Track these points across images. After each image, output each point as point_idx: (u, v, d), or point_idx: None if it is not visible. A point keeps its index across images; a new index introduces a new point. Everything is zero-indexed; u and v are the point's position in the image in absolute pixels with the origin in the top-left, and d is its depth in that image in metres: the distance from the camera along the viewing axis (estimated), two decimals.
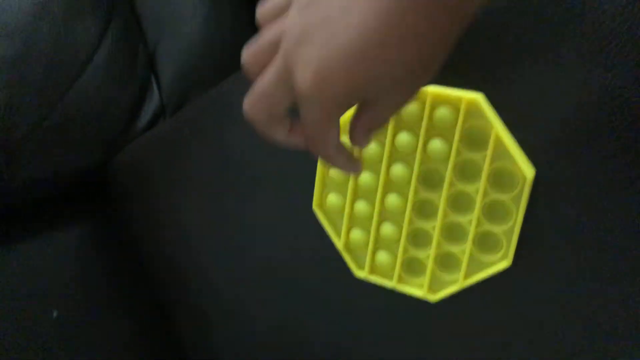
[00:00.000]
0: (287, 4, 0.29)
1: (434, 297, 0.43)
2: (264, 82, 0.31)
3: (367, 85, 0.27)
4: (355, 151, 0.43)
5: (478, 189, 0.39)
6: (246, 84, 0.52)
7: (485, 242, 0.41)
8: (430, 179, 0.42)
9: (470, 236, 0.40)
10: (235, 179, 0.53)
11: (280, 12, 0.30)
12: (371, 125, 0.32)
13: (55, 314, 0.61)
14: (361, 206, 0.45)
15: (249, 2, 0.74)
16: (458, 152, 0.40)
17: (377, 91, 0.28)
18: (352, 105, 0.30)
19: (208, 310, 0.61)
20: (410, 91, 0.30)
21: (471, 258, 0.41)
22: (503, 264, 0.40)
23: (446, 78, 0.39)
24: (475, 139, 0.39)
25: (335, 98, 0.27)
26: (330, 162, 0.33)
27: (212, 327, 0.62)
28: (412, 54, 0.25)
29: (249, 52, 0.32)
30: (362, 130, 0.32)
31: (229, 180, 0.53)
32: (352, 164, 0.34)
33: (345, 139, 0.34)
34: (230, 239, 0.54)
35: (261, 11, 0.32)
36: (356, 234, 0.45)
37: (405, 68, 0.26)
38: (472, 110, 0.38)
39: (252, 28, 0.79)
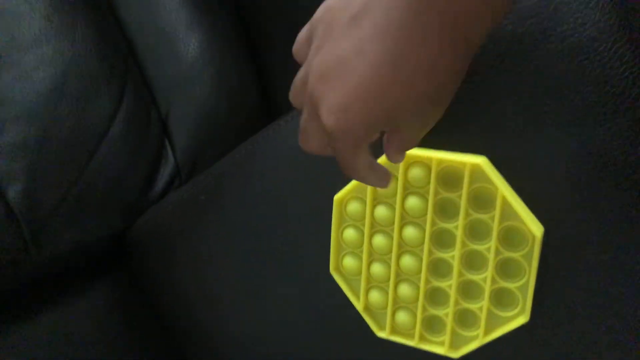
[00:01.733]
0: (310, 35, 0.31)
1: (456, 354, 0.44)
2: (302, 120, 0.33)
3: (385, 119, 0.28)
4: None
5: (490, 248, 0.40)
6: (257, 152, 0.54)
7: (501, 298, 0.41)
8: (442, 239, 0.43)
9: (487, 293, 0.41)
10: (253, 244, 0.54)
11: (307, 44, 0.31)
12: (402, 147, 0.35)
13: None
14: (377, 268, 0.46)
15: (252, 57, 0.76)
16: (467, 214, 0.41)
17: (396, 122, 0.29)
18: (377, 134, 0.31)
19: None
20: (429, 119, 0.31)
21: (489, 314, 0.42)
22: (521, 320, 0.40)
23: (449, 142, 0.41)
24: (482, 200, 0.40)
25: (356, 132, 0.28)
26: (362, 181, 0.35)
27: None
28: (424, 87, 0.27)
29: (291, 92, 0.34)
30: (395, 152, 0.35)
31: (247, 245, 0.55)
32: (382, 180, 0.36)
33: None
34: (251, 305, 0.55)
35: (295, 47, 0.34)
36: (375, 295, 0.46)
37: (418, 101, 0.28)
38: (477, 174, 0.40)
39: (258, 83, 0.81)
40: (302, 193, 0.50)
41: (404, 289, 0.45)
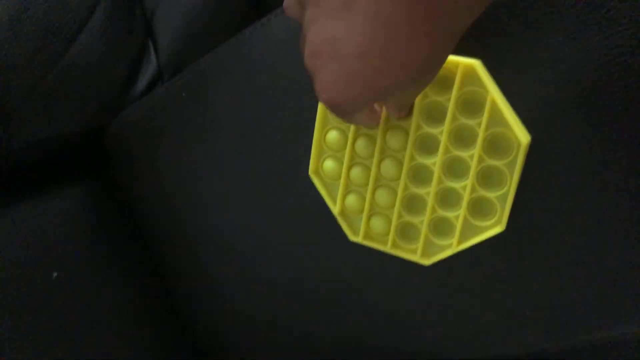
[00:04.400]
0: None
1: (427, 262, 0.44)
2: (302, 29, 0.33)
3: (374, 97, 0.30)
4: None
5: (473, 155, 0.40)
6: (242, 48, 0.51)
7: (479, 208, 0.41)
8: (425, 145, 0.42)
9: (465, 202, 0.41)
10: (232, 145, 0.53)
11: (298, 4, 0.31)
12: (398, 108, 0.39)
13: (54, 275, 0.62)
14: (357, 172, 0.45)
15: None
16: (454, 118, 0.40)
17: (387, 94, 0.30)
18: (369, 104, 0.33)
19: (206, 272, 0.62)
20: (419, 89, 0.33)
21: (465, 223, 0.41)
22: (496, 229, 0.40)
23: None
24: (471, 104, 0.39)
25: (347, 108, 0.30)
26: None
27: (210, 289, 0.63)
28: (411, 70, 0.28)
29: (285, 3, 0.34)
30: (393, 111, 0.39)
31: (225, 145, 0.53)
32: (374, 122, 0.41)
33: None
34: (228, 202, 0.55)
35: (285, 4, 0.34)
36: (352, 200, 0.46)
37: (406, 81, 0.28)
38: (469, 76, 0.38)
39: None
40: (287, 92, 0.48)
41: (382, 195, 0.44)
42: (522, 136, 0.37)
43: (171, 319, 0.70)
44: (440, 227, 0.43)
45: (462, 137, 0.40)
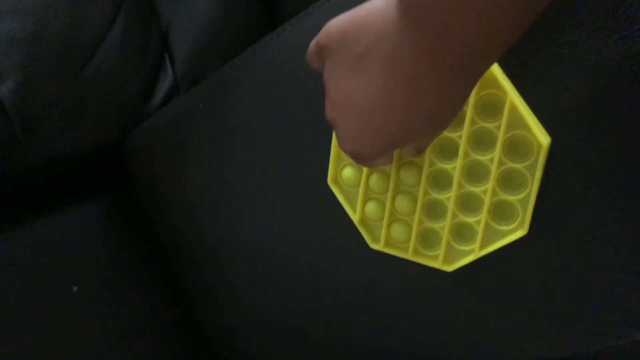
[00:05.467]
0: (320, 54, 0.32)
1: (450, 268, 0.43)
2: None
3: (393, 145, 0.32)
4: None
5: (493, 159, 0.39)
6: (258, 58, 0.52)
7: (500, 212, 0.41)
8: (445, 150, 0.42)
9: (486, 206, 0.40)
10: (250, 155, 0.53)
11: (318, 59, 0.33)
12: (414, 152, 0.40)
13: (75, 289, 0.62)
14: (376, 179, 0.45)
15: None
16: (473, 122, 0.39)
17: (404, 143, 0.33)
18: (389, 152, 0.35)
19: (226, 283, 0.62)
20: (437, 133, 0.34)
21: (487, 228, 0.41)
22: (519, 233, 0.39)
23: None
24: (490, 107, 0.39)
25: (367, 156, 0.32)
26: None
27: (231, 301, 0.63)
28: (429, 120, 0.29)
29: (307, 55, 0.35)
30: (410, 154, 0.41)
31: (243, 156, 0.54)
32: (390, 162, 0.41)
33: None
34: (245, 214, 0.55)
35: (306, 59, 0.35)
36: (371, 207, 0.46)
37: (424, 129, 0.30)
38: (487, 79, 0.38)
39: (264, 7, 0.78)
40: (303, 101, 0.48)
41: (402, 201, 0.44)
42: (543, 138, 0.37)
43: (190, 332, 0.70)
44: (462, 233, 0.43)
45: (481, 141, 0.40)
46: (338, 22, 0.30)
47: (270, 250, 0.55)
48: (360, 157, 0.32)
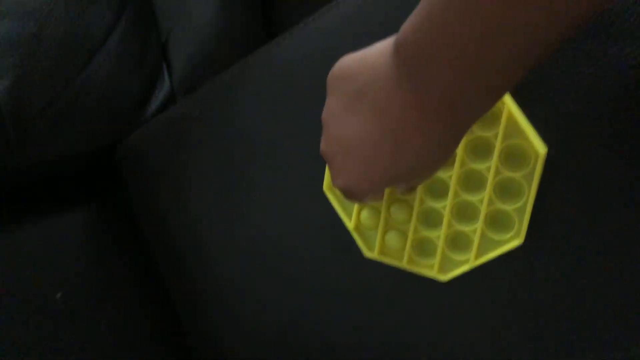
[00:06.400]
0: None
1: (445, 277, 0.43)
2: None
3: (385, 185, 0.31)
4: None
5: (490, 167, 0.39)
6: (255, 67, 0.52)
7: (497, 221, 0.41)
8: None
9: (482, 215, 0.40)
10: (245, 162, 0.53)
11: None
12: (405, 191, 0.40)
13: (59, 295, 0.61)
14: None
15: None
16: (469, 131, 0.40)
17: (395, 184, 0.32)
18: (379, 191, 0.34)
19: (216, 291, 0.61)
20: (428, 175, 0.33)
21: (483, 237, 0.41)
22: (515, 243, 0.39)
23: None
24: (486, 116, 0.39)
25: (359, 195, 0.32)
26: None
27: (216, 309, 0.62)
28: (421, 163, 0.29)
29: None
30: (400, 192, 0.41)
31: (239, 163, 0.53)
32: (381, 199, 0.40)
33: None
34: (240, 222, 0.54)
35: None
36: (366, 215, 0.45)
37: (415, 172, 0.30)
38: None
39: (261, 19, 0.79)
40: (299, 109, 0.48)
41: (397, 209, 0.44)
42: (540, 147, 0.37)
43: (175, 336, 0.68)
44: (457, 242, 0.43)
45: (478, 149, 0.40)
46: (347, 58, 0.30)
47: (265, 255, 0.54)
48: (350, 194, 0.32)
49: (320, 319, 0.52)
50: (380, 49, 0.27)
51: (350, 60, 0.30)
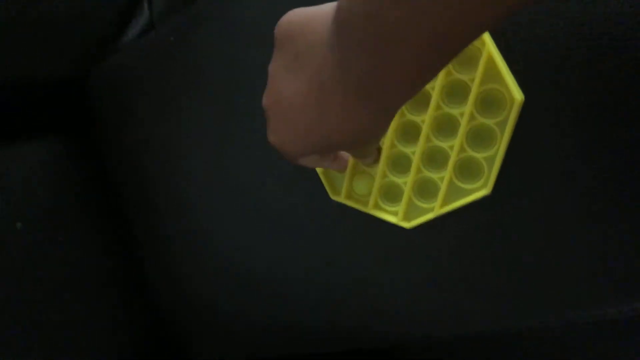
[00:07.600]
0: None
1: (408, 224, 0.42)
2: None
3: (314, 151, 0.31)
4: None
5: (464, 113, 0.38)
6: None
7: (466, 170, 0.39)
8: (417, 102, 0.40)
9: (451, 162, 0.39)
10: (219, 95, 0.51)
11: None
12: (357, 158, 0.39)
13: (19, 226, 0.59)
14: None
15: None
16: (447, 72, 0.38)
17: (326, 150, 0.32)
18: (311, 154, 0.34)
19: (178, 231, 0.60)
20: (360, 147, 0.32)
21: (450, 185, 0.40)
22: (482, 192, 0.38)
23: None
24: (466, 59, 0.38)
25: (290, 155, 0.32)
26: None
27: (183, 251, 0.61)
28: (346, 136, 0.29)
29: None
30: (363, 163, 0.41)
31: (212, 95, 0.52)
32: (336, 167, 0.40)
33: None
34: (208, 158, 0.53)
35: None
36: None
37: (343, 143, 0.30)
38: None
39: None
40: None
41: None
42: (517, 94, 0.36)
43: (135, 272, 0.67)
44: (425, 189, 0.41)
45: (454, 93, 0.39)
46: (295, 14, 0.29)
47: (234, 193, 0.53)
48: (284, 153, 0.32)
49: (284, 260, 0.51)
50: (328, 12, 0.27)
51: (297, 17, 0.29)
